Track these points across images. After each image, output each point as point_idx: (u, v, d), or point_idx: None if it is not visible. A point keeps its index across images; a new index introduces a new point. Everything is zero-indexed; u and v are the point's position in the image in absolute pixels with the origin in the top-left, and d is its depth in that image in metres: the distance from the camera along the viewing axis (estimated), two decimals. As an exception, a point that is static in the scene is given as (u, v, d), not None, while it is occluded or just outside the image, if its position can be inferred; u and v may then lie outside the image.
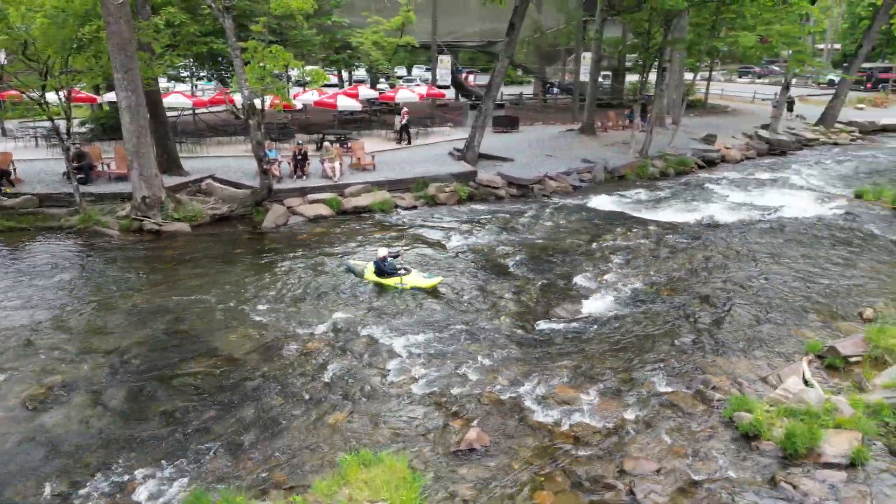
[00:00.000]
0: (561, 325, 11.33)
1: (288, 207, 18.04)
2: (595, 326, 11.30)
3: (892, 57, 57.95)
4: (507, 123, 30.08)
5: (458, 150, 23.55)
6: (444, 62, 33.51)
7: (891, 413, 8.07)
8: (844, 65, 43.82)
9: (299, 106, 27.93)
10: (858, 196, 20.89)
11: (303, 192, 18.85)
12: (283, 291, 12.73)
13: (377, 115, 32.08)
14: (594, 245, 15.89)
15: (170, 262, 14.57)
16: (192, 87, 37.23)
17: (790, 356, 10.18)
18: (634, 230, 17.16)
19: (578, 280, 13.51)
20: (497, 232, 16.92)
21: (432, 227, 17.27)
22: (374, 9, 35.42)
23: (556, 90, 43.09)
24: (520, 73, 49.24)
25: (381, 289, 12.81)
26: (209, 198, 18.41)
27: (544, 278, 13.61)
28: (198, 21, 21.97)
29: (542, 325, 11.37)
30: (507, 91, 41.54)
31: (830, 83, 49.13)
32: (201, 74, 34.44)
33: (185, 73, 34.17)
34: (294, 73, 20.59)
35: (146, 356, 10.16)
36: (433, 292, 12.63)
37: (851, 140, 34.65)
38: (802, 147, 32.06)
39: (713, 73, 47.49)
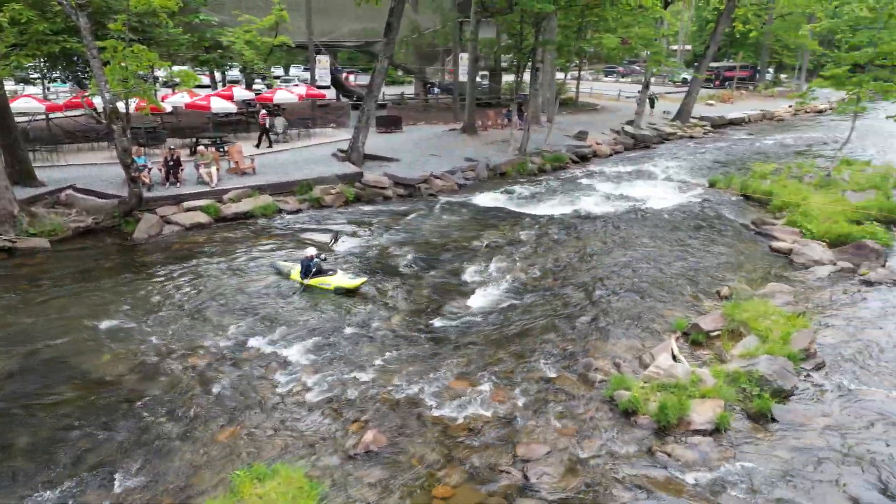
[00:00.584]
0: (453, 321, 11.57)
1: (161, 217, 16.99)
2: (485, 319, 11.64)
3: (736, 57, 64.10)
4: (390, 123, 30.15)
5: (342, 151, 23.30)
6: (323, 62, 33.00)
7: (747, 380, 8.99)
8: (695, 64, 47.90)
9: (169, 109, 26.33)
10: (712, 185, 22.94)
11: (177, 199, 17.83)
12: (160, 305, 12.00)
13: (255, 116, 30.99)
14: (481, 241, 16.32)
15: (27, 281, 13.27)
16: (44, 90, 34.06)
17: (661, 335, 11.03)
18: (518, 224, 17.82)
19: (468, 276, 13.84)
20: (386, 232, 16.94)
21: (319, 231, 16.97)
22: (244, 7, 34.12)
23: (436, 90, 43.72)
24: (400, 73, 49.46)
25: (270, 294, 12.44)
26: (70, 210, 16.94)
27: (435, 276, 13.82)
28: (48, 19, 20.09)
29: (435, 322, 11.55)
30: (389, 91, 41.60)
31: (684, 81, 53.43)
32: (54, 76, 31.57)
33: (35, 75, 31.19)
34: (161, 73, 19.34)
35: (3, 386, 9.22)
36: (344, 296, 12.45)
37: (704, 133, 37.93)
38: (663, 141, 34.69)
39: (582, 72, 50.20)
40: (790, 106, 46.77)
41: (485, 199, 20.92)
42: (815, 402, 8.95)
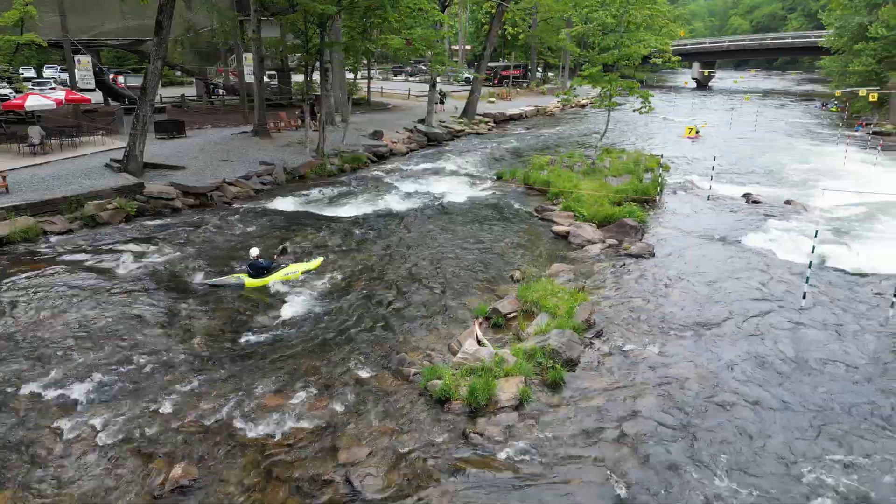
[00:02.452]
0: (261, 336, 11.12)
1: None
2: (296, 329, 11.37)
3: (509, 57, 69.67)
4: (171, 128, 27.83)
5: (117, 161, 21.01)
6: (84, 62, 29.38)
7: (541, 354, 9.92)
8: (476, 64, 51.16)
9: None
10: (499, 177, 24.78)
11: None
12: None
13: (3, 126, 26.66)
14: (283, 247, 15.84)
15: None
16: None
17: (466, 322, 11.70)
18: (322, 228, 17.62)
19: (273, 285, 13.36)
20: (178, 247, 15.68)
21: (96, 252, 15.15)
22: (-24, -1, 29.17)
23: (221, 91, 41.33)
24: (179, 73, 45.91)
25: (38, 332, 10.83)
26: None
27: (237, 289, 13.13)
28: None
29: (242, 338, 11.01)
30: (168, 93, 38.43)
31: (467, 80, 56.86)
32: None
33: None
34: None
35: None
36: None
37: (489, 129, 40.79)
38: (453, 138, 36.61)
39: (372, 72, 50.93)
40: (558, 102, 52.13)
41: (285, 204, 20.34)
42: (599, 366, 10.18)
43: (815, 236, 13.16)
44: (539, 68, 73.56)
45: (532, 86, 64.90)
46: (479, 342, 10.50)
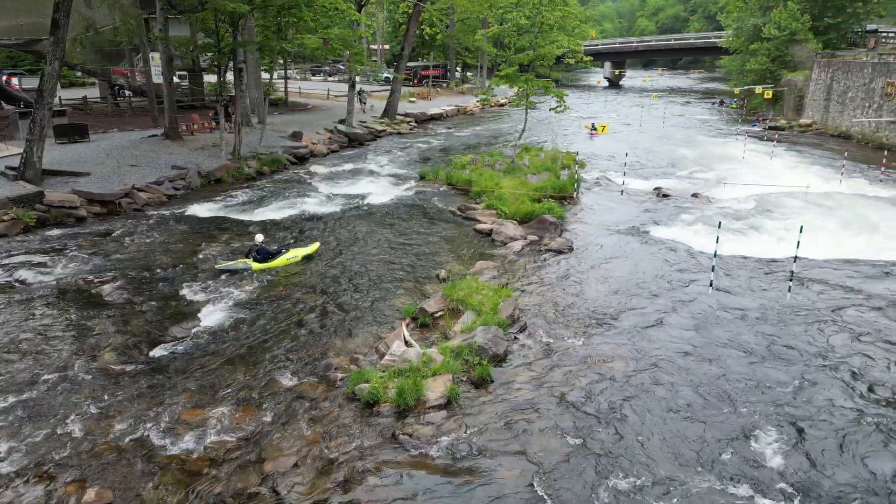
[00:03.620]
0: (179, 347, 10.66)
1: None
2: (216, 339, 10.98)
3: (428, 57, 69.94)
4: (73, 132, 26.18)
5: (12, 168, 19.58)
6: (-29, 62, 27.16)
7: (468, 351, 10.04)
8: (395, 64, 51.06)
9: None
10: (422, 177, 24.84)
11: None
12: None
13: None
14: (200, 255, 15.28)
15: None
16: None
17: (393, 323, 11.67)
18: (241, 233, 17.09)
19: (189, 294, 12.87)
20: (84, 259, 14.80)
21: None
22: None
23: (127, 92, 39.28)
24: (80, 74, 43.28)
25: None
26: None
27: (151, 299, 12.54)
28: None
29: (157, 351, 10.52)
30: (68, 95, 36.19)
31: (387, 80, 56.64)
32: None
33: None
34: None
35: None
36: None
37: (411, 129, 40.80)
38: (375, 138, 36.39)
39: (289, 72, 49.86)
40: (478, 101, 52.80)
41: (201, 210, 19.59)
42: (524, 359, 10.41)
43: (719, 227, 13.96)
44: (458, 68, 74.26)
45: (452, 86, 65.44)
46: (406, 343, 10.50)
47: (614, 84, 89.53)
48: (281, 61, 41.44)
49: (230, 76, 28.34)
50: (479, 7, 44.33)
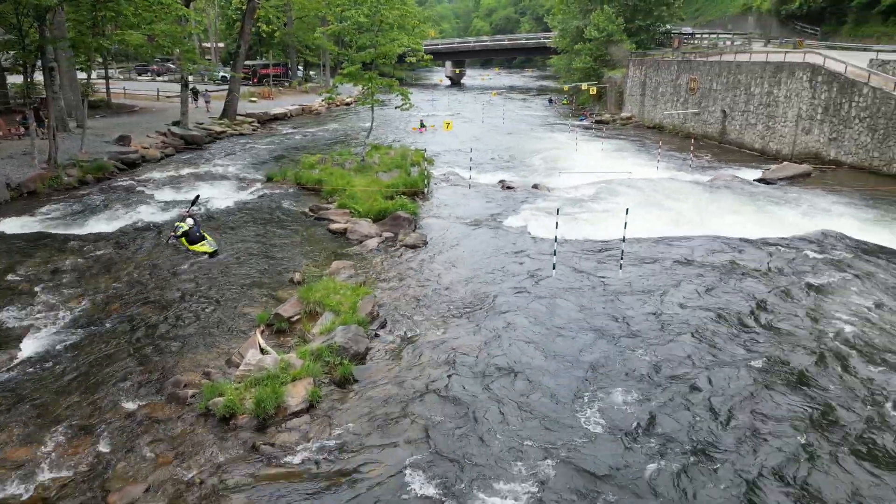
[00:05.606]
0: (-6, 381, 9.41)
1: None
2: (42, 367, 9.82)
3: (267, 55, 67.51)
4: None
5: None
6: None
7: (328, 353, 9.88)
8: (231, 62, 48.68)
9: None
10: (269, 179, 23.95)
11: None
12: None
13: None
14: (15, 276, 13.55)
15: None
16: None
17: (247, 332, 11.17)
18: (62, 249, 15.40)
19: (6, 320, 11.38)
20: None
21: None
22: None
23: None
24: None
25: None
26: None
27: (-46, 332, 10.92)
28: None
29: (-34, 389, 9.19)
30: None
31: (224, 79, 53.85)
32: None
33: None
34: None
35: None
36: None
37: (253, 130, 39.14)
38: (214, 140, 34.44)
39: (110, 71, 45.74)
40: (323, 100, 51.95)
41: (11, 226, 17.36)
42: (386, 355, 10.46)
43: (558, 214, 14.97)
44: (300, 67, 72.46)
45: (294, 84, 63.73)
46: (262, 350, 10.11)
47: (455, 83, 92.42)
48: (100, 60, 37.85)
49: (40, 76, 25.31)
50: (317, 4, 43.60)
